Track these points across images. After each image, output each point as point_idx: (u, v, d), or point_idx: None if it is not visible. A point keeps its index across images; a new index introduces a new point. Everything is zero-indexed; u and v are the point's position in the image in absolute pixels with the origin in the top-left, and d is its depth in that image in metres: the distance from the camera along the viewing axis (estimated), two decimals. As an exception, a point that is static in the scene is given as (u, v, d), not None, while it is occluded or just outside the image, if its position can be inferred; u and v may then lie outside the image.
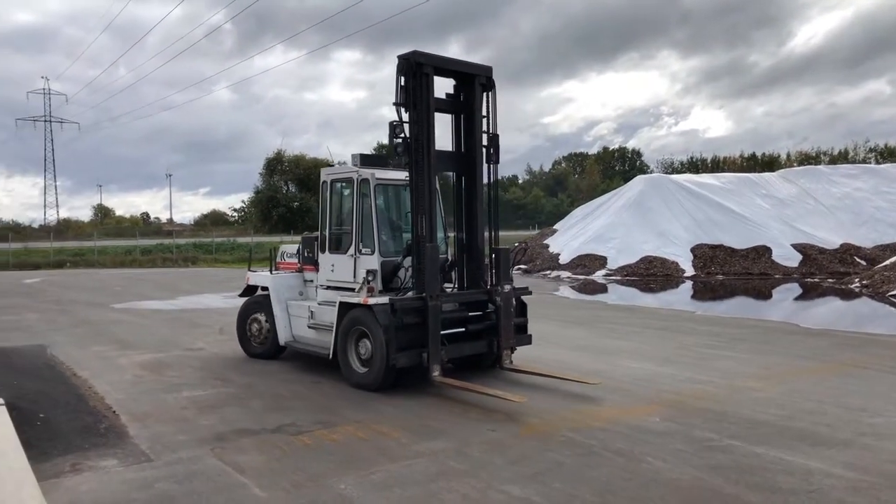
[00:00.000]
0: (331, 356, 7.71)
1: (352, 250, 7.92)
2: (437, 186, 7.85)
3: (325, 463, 4.90)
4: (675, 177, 29.67)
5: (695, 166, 73.30)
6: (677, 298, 17.60)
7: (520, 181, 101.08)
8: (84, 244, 45.04)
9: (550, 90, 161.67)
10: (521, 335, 8.18)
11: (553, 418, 6.02)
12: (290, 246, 9.79)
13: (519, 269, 25.32)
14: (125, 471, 4.78)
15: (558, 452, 5.10)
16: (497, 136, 7.96)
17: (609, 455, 5.02)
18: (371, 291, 7.49)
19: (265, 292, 9.11)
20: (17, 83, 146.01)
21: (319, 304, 8.37)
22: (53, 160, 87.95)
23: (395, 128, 7.27)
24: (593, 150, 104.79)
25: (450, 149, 8.02)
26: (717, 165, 65.29)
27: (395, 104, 7.27)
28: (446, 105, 7.95)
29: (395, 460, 4.93)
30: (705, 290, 18.92)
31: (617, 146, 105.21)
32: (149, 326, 12.28)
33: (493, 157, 7.95)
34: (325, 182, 8.51)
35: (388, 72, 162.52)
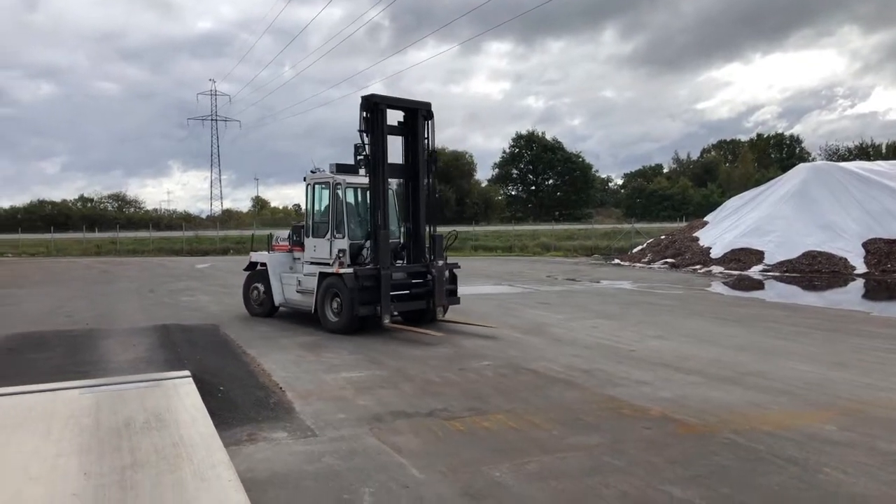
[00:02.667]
0: (313, 311, 10.62)
1: (328, 235, 10.74)
2: (394, 189, 11.10)
3: (478, 449, 4.96)
4: (844, 164, 27.01)
5: (865, 153, 66.52)
6: (847, 298, 16.05)
7: (665, 170, 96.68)
8: (244, 233, 48.87)
9: (709, 74, 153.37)
10: (452, 297, 11.01)
11: (712, 419, 5.69)
12: (282, 232, 12.73)
13: (665, 263, 24.30)
14: (294, 443, 5.12)
15: (722, 455, 4.81)
16: (435, 151, 10.80)
17: (780, 462, 4.67)
18: (341, 265, 10.26)
19: (263, 267, 12.02)
20: (193, 85, 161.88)
21: (305, 275, 11.17)
22: (219, 155, 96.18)
23: (358, 148, 10.16)
24: (753, 137, 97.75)
25: (400, 162, 10.79)
26: (894, 151, 58.77)
27: (358, 131, 10.04)
28: (397, 130, 10.68)
29: (548, 452, 4.89)
30: (881, 290, 17.10)
31: (775, 132, 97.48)
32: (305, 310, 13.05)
33: (432, 168, 10.79)
34: (309, 184, 11.39)
35: (537, 61, 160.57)
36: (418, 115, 10.64)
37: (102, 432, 4.34)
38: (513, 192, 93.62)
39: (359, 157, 10.26)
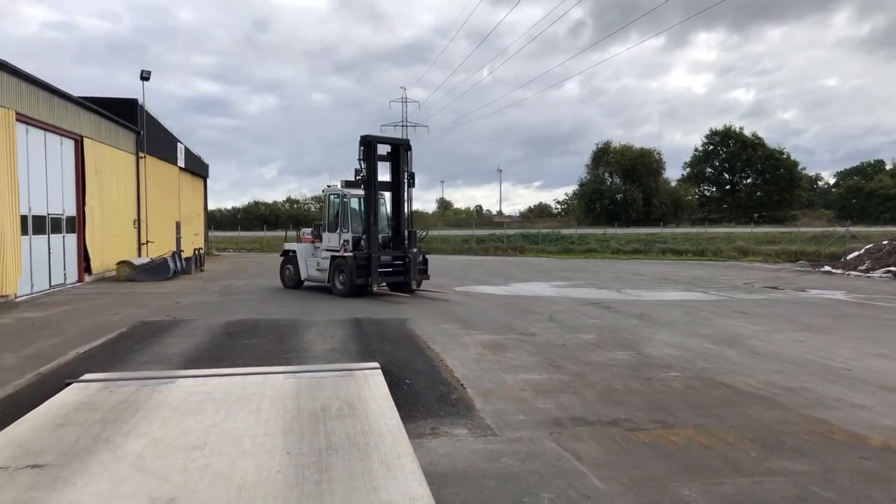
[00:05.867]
0: (327, 283, 15.92)
1: (338, 230, 16.01)
2: (385, 199, 16.29)
3: (664, 464, 4.68)
4: None
5: None
6: None
7: (888, 167, 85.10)
8: (430, 233, 50.93)
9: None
10: (423, 274, 16.25)
11: (952, 456, 4.87)
12: (307, 229, 18.02)
13: (888, 271, 21.44)
14: (474, 441, 5.19)
15: (964, 500, 4.10)
16: (413, 173, 15.91)
17: None
18: (346, 250, 15.43)
19: (293, 254, 17.41)
20: (394, 93, 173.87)
21: (321, 258, 16.34)
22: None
23: (357, 172, 15.12)
24: None
25: (388, 180, 16.09)
26: None
27: (358, 159, 15.10)
28: (386, 158, 15.87)
29: (744, 474, 4.49)
30: None
31: None
32: (485, 309, 13.30)
33: (411, 184, 15.86)
34: (326, 195, 16.93)
35: (750, 50, 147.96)
36: (401, 147, 15.91)
37: (303, 416, 4.72)
38: (706, 193, 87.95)
39: (357, 178, 15.18)
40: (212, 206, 49.98)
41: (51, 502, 3.25)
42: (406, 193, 15.82)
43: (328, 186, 16.91)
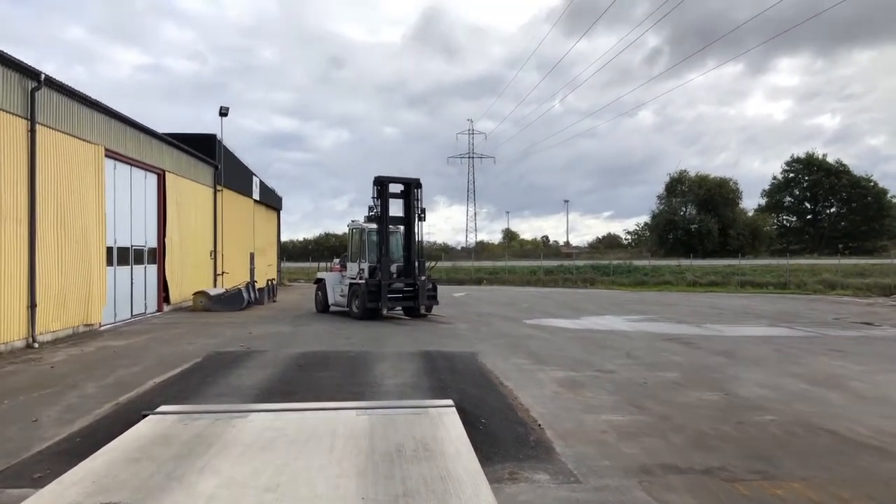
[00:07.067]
0: (346, 307, 18.02)
1: (358, 261, 18.04)
2: (400, 232, 18.30)
3: (771, 523, 4.22)
4: None
5: None
6: None
7: None
8: (497, 264, 50.68)
9: None
10: (431, 300, 18.08)
11: None
12: (336, 260, 20.96)
13: None
14: (557, 488, 4.85)
15: None
16: (424, 209, 17.72)
17: None
18: (361, 278, 17.47)
19: (323, 282, 19.77)
20: (462, 125, 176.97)
21: (344, 286, 18.42)
22: (474, 191, 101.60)
23: (370, 208, 17.07)
24: None
25: (401, 215, 17.91)
26: None
27: (372, 197, 17.04)
28: (398, 195, 17.78)
29: (867, 539, 3.98)
30: None
31: None
32: (558, 344, 12.86)
33: (421, 218, 17.64)
34: (350, 229, 19.17)
35: (837, 74, 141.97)
36: (412, 186, 17.68)
37: (377, 456, 4.51)
38: (786, 223, 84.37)
39: (370, 214, 17.09)
40: (285, 237, 51.40)
41: (122, 545, 3.14)
42: (417, 227, 17.65)
43: (352, 221, 19.06)
